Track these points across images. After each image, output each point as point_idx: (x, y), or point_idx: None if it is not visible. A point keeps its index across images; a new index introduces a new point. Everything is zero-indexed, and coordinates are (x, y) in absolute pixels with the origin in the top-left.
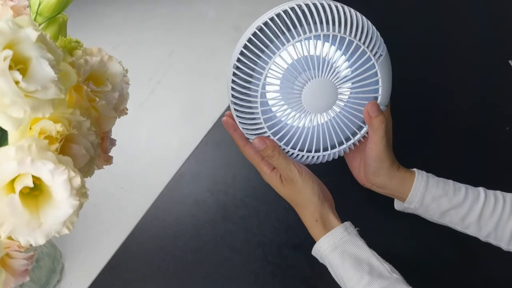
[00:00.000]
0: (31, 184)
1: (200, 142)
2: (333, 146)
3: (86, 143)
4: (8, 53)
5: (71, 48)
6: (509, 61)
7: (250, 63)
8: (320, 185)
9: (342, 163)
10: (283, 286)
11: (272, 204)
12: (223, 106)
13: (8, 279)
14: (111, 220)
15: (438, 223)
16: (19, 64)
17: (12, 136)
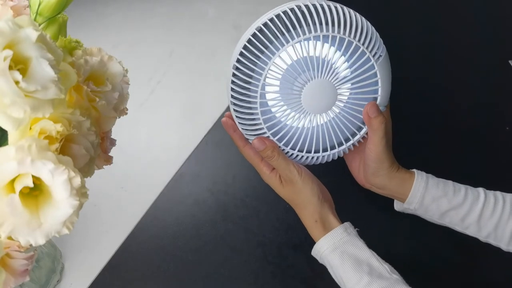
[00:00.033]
0: (31, 184)
1: (200, 142)
2: (332, 147)
3: (86, 143)
4: (8, 53)
5: (71, 48)
6: (509, 61)
7: (250, 64)
8: (320, 186)
9: (342, 163)
10: (283, 286)
11: (272, 204)
12: (223, 106)
13: (8, 279)
14: (111, 220)
15: (438, 224)
16: (19, 64)
17: (12, 136)
